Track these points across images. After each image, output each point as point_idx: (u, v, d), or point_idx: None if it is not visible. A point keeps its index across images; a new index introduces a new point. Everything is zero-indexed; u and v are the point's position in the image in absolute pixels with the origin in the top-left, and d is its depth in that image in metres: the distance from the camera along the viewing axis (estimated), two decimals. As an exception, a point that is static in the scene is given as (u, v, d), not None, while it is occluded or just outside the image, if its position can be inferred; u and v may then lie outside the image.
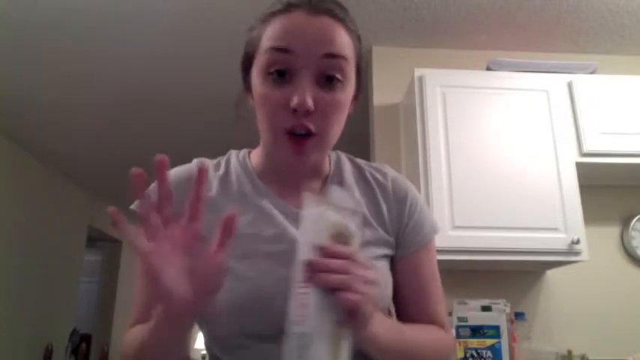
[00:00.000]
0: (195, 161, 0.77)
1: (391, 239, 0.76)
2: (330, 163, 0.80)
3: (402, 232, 0.77)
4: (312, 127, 0.66)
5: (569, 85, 1.96)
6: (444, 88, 1.92)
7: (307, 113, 0.65)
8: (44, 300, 3.90)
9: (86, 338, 4.63)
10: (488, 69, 2.06)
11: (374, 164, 0.83)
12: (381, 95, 2.25)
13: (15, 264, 3.49)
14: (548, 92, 1.93)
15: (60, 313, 4.17)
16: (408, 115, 2.06)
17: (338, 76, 0.67)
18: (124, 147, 3.54)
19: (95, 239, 4.98)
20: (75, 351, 4.32)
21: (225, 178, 0.76)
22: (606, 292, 2.06)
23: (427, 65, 2.05)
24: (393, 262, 0.77)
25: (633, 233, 2.14)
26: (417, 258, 0.77)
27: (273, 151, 0.73)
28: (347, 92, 0.70)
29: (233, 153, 0.81)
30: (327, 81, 0.66)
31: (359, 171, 0.81)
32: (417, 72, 1.96)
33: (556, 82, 1.96)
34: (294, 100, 0.64)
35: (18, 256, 3.53)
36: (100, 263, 5.28)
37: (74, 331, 4.29)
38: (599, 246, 2.05)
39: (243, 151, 0.82)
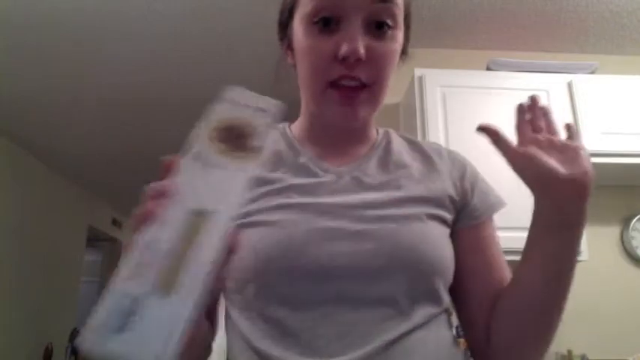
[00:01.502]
0: None
1: (449, 202, 0.70)
2: (377, 132, 0.76)
3: (468, 198, 0.72)
4: (362, 77, 0.61)
5: (569, 85, 1.96)
6: (444, 88, 1.92)
7: (358, 62, 0.60)
8: (44, 300, 3.90)
9: (86, 338, 4.63)
10: (488, 69, 2.06)
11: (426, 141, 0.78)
12: (381, 95, 2.24)
13: (15, 264, 3.49)
14: (549, 92, 1.93)
15: (60, 313, 4.17)
16: (408, 115, 2.05)
17: (389, 22, 0.62)
18: (124, 147, 3.54)
19: (95, 239, 4.99)
20: (75, 351, 4.32)
21: None
22: (606, 292, 2.06)
23: (427, 65, 2.04)
24: (455, 230, 0.70)
25: (633, 233, 2.14)
26: (486, 228, 0.73)
27: (318, 110, 0.67)
28: (398, 42, 0.64)
29: None
30: (378, 28, 0.61)
31: (409, 141, 0.77)
32: (417, 72, 1.96)
33: (556, 82, 1.96)
34: (344, 48, 0.59)
35: (18, 256, 3.53)
36: (100, 263, 5.28)
37: (74, 331, 4.29)
38: (599, 246, 2.05)
39: (283, 123, 0.77)
